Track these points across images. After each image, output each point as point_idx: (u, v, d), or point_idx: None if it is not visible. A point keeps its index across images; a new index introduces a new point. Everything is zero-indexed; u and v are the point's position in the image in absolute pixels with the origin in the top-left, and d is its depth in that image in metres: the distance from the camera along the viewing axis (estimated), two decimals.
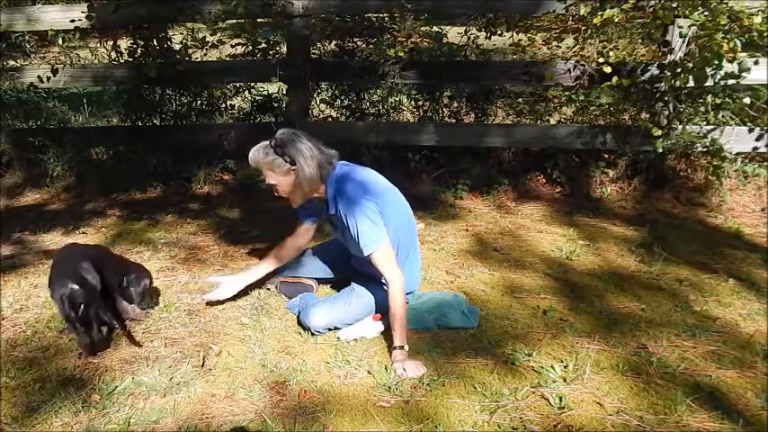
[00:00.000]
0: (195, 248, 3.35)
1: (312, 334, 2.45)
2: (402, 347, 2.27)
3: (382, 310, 2.53)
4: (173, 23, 4.53)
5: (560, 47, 4.60)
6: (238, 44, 4.46)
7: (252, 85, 4.77)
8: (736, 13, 3.37)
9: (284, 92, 4.41)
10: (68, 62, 4.26)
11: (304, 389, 2.12)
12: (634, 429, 1.91)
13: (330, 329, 2.48)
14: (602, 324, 2.52)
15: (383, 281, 2.37)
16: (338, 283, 2.86)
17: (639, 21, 3.77)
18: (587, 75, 3.91)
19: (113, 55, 4.38)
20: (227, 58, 4.60)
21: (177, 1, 4.02)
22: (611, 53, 3.82)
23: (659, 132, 3.72)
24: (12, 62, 5.14)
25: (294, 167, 2.33)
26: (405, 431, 1.92)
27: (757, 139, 3.79)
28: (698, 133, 3.76)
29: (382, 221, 2.33)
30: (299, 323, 2.53)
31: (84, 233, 3.62)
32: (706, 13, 3.42)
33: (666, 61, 3.70)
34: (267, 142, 2.35)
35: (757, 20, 3.33)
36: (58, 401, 2.05)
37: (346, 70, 4.21)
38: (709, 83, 3.59)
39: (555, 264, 3.12)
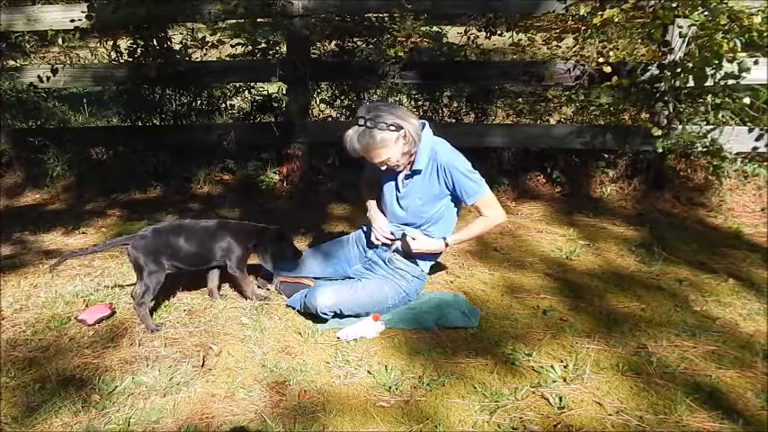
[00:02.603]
0: None
1: (316, 319, 2.46)
2: (446, 243, 2.57)
3: (384, 306, 2.55)
4: (173, 23, 4.53)
5: (560, 47, 4.60)
6: (238, 44, 4.46)
7: (252, 85, 4.77)
8: (736, 13, 3.37)
9: (284, 92, 4.42)
10: (68, 62, 4.27)
11: (304, 389, 2.12)
12: (634, 429, 1.91)
13: (335, 314, 2.49)
14: (602, 324, 2.52)
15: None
16: None
17: (639, 21, 3.77)
18: (587, 75, 3.91)
19: (113, 55, 4.38)
20: (228, 58, 4.60)
21: (177, 1, 4.02)
22: (611, 53, 3.83)
23: (659, 132, 3.72)
24: (12, 62, 5.14)
25: (402, 132, 2.34)
26: (405, 431, 1.92)
27: (757, 139, 3.79)
28: (698, 133, 3.76)
29: None
30: (304, 310, 2.55)
31: (84, 233, 3.62)
32: (706, 13, 3.43)
33: (666, 61, 3.71)
34: (360, 128, 2.33)
35: (757, 20, 3.33)
36: (58, 401, 2.04)
37: (346, 70, 4.21)
38: (710, 83, 3.58)
39: (555, 264, 3.12)
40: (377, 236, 2.68)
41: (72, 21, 3.99)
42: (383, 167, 2.47)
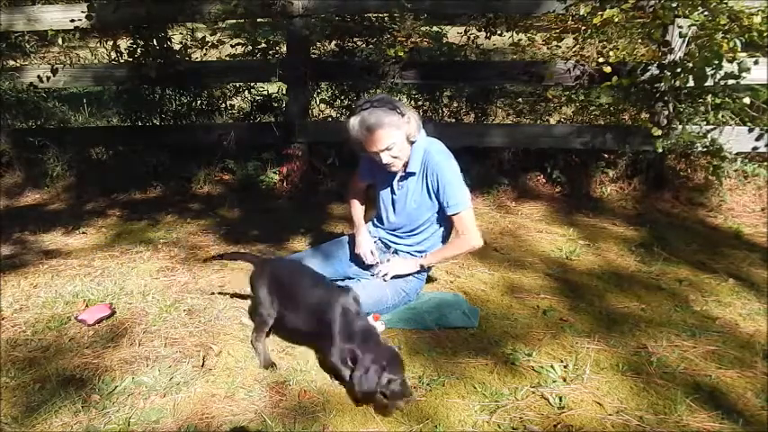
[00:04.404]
0: (195, 248, 3.35)
1: None
2: (421, 263, 2.57)
3: (384, 306, 2.55)
4: (173, 23, 4.53)
5: (560, 47, 4.60)
6: (238, 44, 4.46)
7: (252, 85, 4.77)
8: (736, 13, 3.37)
9: (284, 92, 4.42)
10: (68, 62, 4.27)
11: (304, 389, 2.12)
12: (634, 429, 1.91)
13: None
14: (602, 324, 2.52)
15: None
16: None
17: (639, 21, 3.77)
18: (587, 75, 3.91)
19: (113, 55, 4.38)
20: (228, 58, 4.60)
21: (177, 1, 4.02)
22: (611, 53, 3.83)
23: (659, 132, 3.72)
24: (12, 62, 5.14)
25: (406, 117, 2.41)
26: (405, 431, 1.92)
27: (757, 139, 3.79)
28: (698, 133, 3.76)
29: None
30: None
31: (84, 233, 3.62)
32: (706, 13, 3.42)
33: (666, 61, 3.70)
34: (365, 110, 2.37)
35: (757, 20, 3.32)
36: (58, 401, 2.04)
37: (346, 70, 4.20)
38: (710, 83, 3.58)
39: (555, 264, 3.12)
40: (362, 257, 2.70)
41: (72, 21, 3.99)
42: (385, 159, 2.44)
